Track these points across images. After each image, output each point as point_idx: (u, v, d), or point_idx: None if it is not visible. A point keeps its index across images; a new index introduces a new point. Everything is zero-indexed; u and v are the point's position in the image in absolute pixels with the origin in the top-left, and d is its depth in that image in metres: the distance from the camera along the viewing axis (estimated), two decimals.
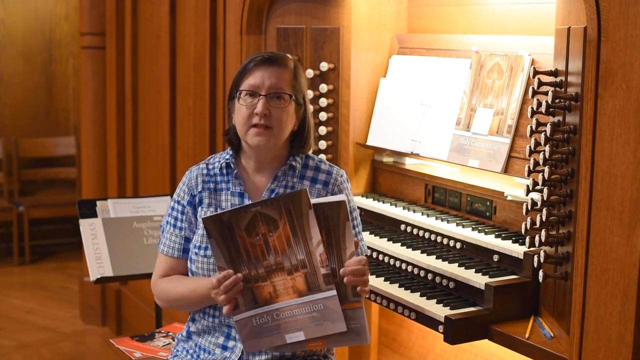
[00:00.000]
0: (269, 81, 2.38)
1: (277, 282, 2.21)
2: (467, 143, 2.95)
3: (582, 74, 2.11)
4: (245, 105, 2.39)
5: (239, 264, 2.20)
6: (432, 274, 2.74)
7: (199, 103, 4.23)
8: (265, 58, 2.41)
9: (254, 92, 2.38)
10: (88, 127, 5.52)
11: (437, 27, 3.34)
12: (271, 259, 2.19)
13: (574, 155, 2.19)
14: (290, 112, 2.42)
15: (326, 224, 2.17)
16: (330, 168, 2.53)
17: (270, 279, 2.21)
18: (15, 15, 7.34)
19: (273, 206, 2.16)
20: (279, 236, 2.18)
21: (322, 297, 2.21)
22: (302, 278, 2.20)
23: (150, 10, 4.84)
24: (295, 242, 2.18)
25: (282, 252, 2.19)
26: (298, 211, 2.16)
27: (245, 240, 2.18)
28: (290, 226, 2.17)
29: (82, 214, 3.48)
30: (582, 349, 2.10)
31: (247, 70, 2.41)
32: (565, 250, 2.25)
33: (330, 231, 2.18)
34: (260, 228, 2.18)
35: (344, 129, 3.42)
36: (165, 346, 3.21)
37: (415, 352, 3.32)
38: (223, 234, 2.18)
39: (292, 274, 2.20)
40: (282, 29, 3.58)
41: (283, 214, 2.16)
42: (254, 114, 2.37)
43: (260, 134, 2.38)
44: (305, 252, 2.19)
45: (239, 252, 2.19)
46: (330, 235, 2.18)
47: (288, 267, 2.20)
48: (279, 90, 2.39)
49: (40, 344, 5.22)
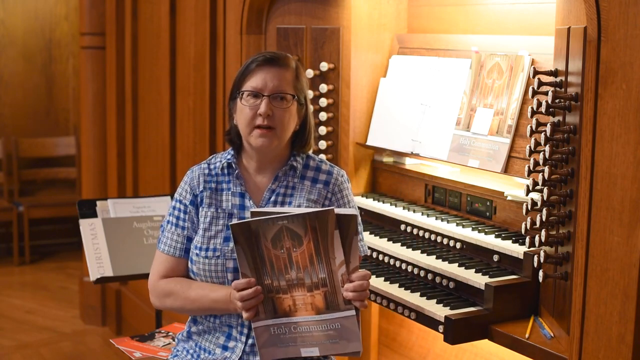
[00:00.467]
0: (271, 82, 2.38)
1: (297, 297, 2.22)
2: (467, 143, 2.95)
3: (582, 74, 2.11)
4: (248, 106, 2.39)
5: (263, 273, 2.22)
6: (432, 274, 2.74)
7: (199, 103, 4.23)
8: (268, 58, 2.41)
9: (257, 93, 2.38)
10: (88, 127, 5.52)
11: (437, 27, 3.34)
12: (293, 274, 2.20)
13: (574, 155, 2.19)
14: (292, 112, 2.42)
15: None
16: (330, 168, 2.53)
17: (291, 293, 2.22)
18: (15, 15, 7.34)
19: (299, 222, 2.17)
20: (302, 252, 2.19)
21: (340, 316, 2.23)
22: (322, 296, 2.22)
23: (150, 10, 4.84)
24: (317, 261, 2.19)
25: (304, 268, 2.20)
26: (323, 230, 2.17)
27: (270, 251, 2.20)
28: (315, 244, 2.18)
29: (82, 214, 3.48)
30: (582, 349, 2.10)
31: (249, 71, 2.41)
32: (565, 250, 2.25)
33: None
34: (286, 242, 2.19)
35: (344, 129, 3.42)
36: (165, 346, 3.21)
37: (415, 352, 3.32)
38: (250, 242, 2.19)
39: (312, 291, 2.22)
40: (282, 29, 3.58)
41: (308, 231, 2.17)
42: (257, 115, 2.37)
43: (263, 135, 2.38)
44: (327, 271, 2.20)
45: (264, 262, 2.21)
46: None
47: (309, 284, 2.21)
48: (282, 91, 2.39)
49: (40, 344, 5.22)
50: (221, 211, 2.45)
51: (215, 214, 2.45)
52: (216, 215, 2.44)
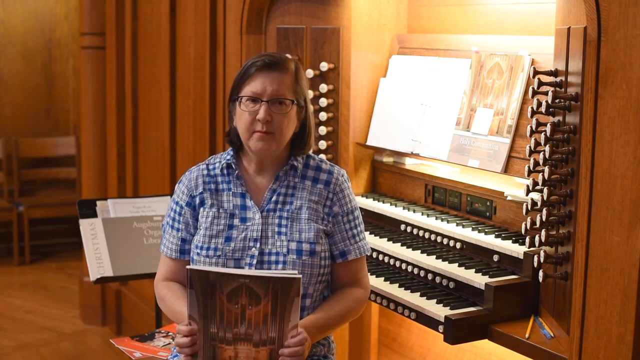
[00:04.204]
0: (270, 87, 2.37)
1: (241, 350, 2.21)
2: (467, 143, 2.95)
3: (582, 74, 2.11)
4: (247, 111, 2.38)
5: (210, 321, 2.20)
6: (432, 274, 2.74)
7: (199, 103, 4.23)
8: (267, 63, 2.39)
9: (256, 98, 2.38)
10: (88, 127, 5.52)
11: (437, 27, 3.34)
12: (242, 329, 2.19)
13: (574, 155, 2.19)
14: (291, 116, 2.42)
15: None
16: (331, 168, 2.53)
17: (235, 345, 2.21)
18: (15, 15, 7.34)
19: (262, 283, 2.15)
20: (257, 311, 2.18)
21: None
22: (267, 352, 2.21)
23: (150, 10, 4.84)
24: (271, 321, 2.19)
25: (256, 326, 2.19)
26: (285, 295, 2.16)
27: (224, 304, 2.18)
28: (272, 306, 2.17)
29: (82, 214, 3.48)
30: (582, 349, 2.10)
31: (248, 75, 2.40)
32: (565, 250, 2.25)
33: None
34: (242, 299, 2.17)
35: (344, 129, 3.42)
36: (165, 346, 3.21)
37: (415, 352, 3.32)
38: (204, 290, 2.17)
39: (258, 346, 2.20)
40: (282, 29, 3.58)
41: (269, 293, 2.16)
42: (256, 121, 2.37)
43: (262, 139, 2.37)
44: (278, 331, 2.20)
45: (214, 312, 2.19)
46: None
47: (256, 340, 2.20)
48: (281, 96, 2.38)
49: (40, 344, 5.22)
50: (222, 211, 2.45)
51: (217, 214, 2.45)
52: (217, 215, 2.45)
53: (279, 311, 2.17)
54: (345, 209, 2.49)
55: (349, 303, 2.47)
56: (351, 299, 2.48)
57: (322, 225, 2.45)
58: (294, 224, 2.42)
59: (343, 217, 2.48)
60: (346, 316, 2.47)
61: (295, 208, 2.44)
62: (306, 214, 2.43)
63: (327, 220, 2.46)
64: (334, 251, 2.48)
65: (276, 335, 2.19)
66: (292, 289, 2.15)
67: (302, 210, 2.44)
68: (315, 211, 2.45)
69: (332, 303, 2.46)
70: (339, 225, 2.48)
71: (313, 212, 2.44)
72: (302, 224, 2.42)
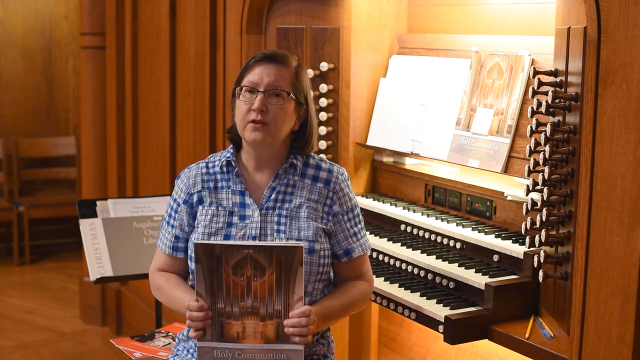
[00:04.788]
0: (267, 78, 2.38)
1: (248, 324, 2.23)
2: (467, 143, 2.95)
3: (582, 74, 2.11)
4: (244, 101, 2.40)
5: (217, 296, 2.23)
6: (432, 274, 2.74)
7: (199, 103, 4.23)
8: (266, 55, 2.42)
9: (253, 88, 2.39)
10: (88, 127, 5.52)
11: (437, 27, 3.34)
12: (248, 302, 2.22)
13: (574, 155, 2.19)
14: (288, 110, 2.42)
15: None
16: (331, 166, 2.53)
17: (242, 320, 2.23)
18: (15, 15, 7.34)
19: (266, 253, 2.18)
20: (262, 283, 2.20)
21: (288, 348, 2.24)
22: (274, 327, 2.23)
23: (150, 10, 4.84)
24: (277, 293, 2.21)
25: (262, 298, 2.22)
26: (289, 265, 2.19)
27: (229, 277, 2.21)
28: (277, 277, 2.20)
29: (82, 214, 3.48)
30: (582, 349, 2.10)
31: (247, 67, 2.43)
32: (565, 250, 2.25)
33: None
34: (247, 270, 2.20)
35: (344, 129, 3.42)
36: (165, 346, 3.21)
37: (415, 352, 3.32)
38: (210, 265, 2.20)
39: (264, 320, 2.23)
40: (282, 29, 3.58)
41: (273, 263, 2.19)
42: (252, 110, 2.38)
43: (256, 130, 2.38)
44: (284, 303, 2.22)
45: (221, 286, 2.22)
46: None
47: (262, 314, 2.22)
48: (277, 87, 2.39)
49: (40, 344, 5.22)
50: (222, 209, 2.45)
51: (216, 211, 2.45)
52: (217, 213, 2.45)
53: (283, 282, 2.19)
54: (345, 208, 2.49)
55: (354, 294, 2.47)
56: (356, 291, 2.48)
57: (322, 224, 2.45)
58: (292, 222, 2.42)
59: (344, 216, 2.48)
60: (351, 307, 2.47)
61: (294, 206, 2.44)
62: (305, 213, 2.43)
63: (326, 219, 2.46)
64: (337, 250, 2.48)
65: (282, 308, 2.21)
66: (295, 257, 2.18)
67: (301, 208, 2.44)
68: (315, 210, 2.45)
69: (337, 294, 2.47)
70: (341, 224, 2.48)
71: (312, 210, 2.44)
72: (301, 222, 2.42)
